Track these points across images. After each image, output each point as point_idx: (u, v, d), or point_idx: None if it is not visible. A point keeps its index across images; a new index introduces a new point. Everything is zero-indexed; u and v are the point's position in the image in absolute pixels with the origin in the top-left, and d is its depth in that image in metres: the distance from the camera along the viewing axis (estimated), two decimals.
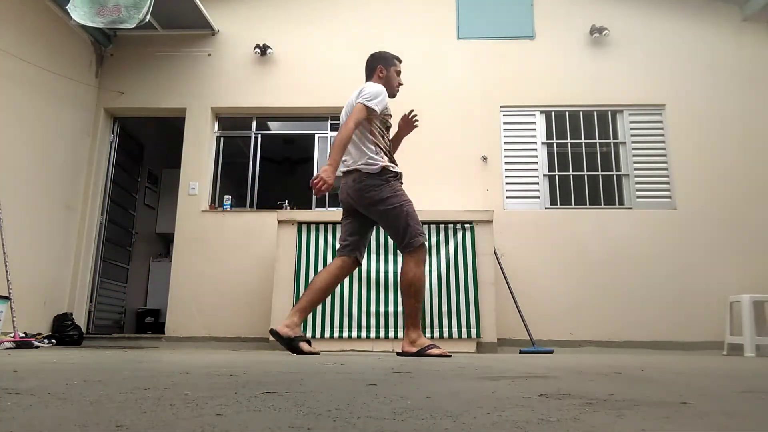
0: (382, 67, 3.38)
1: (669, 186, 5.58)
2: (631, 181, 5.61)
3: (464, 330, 4.45)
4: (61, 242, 5.36)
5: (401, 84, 3.46)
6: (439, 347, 3.06)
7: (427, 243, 3.21)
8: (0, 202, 4.43)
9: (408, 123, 3.44)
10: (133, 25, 4.70)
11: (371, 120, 3.17)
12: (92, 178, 5.76)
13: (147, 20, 4.75)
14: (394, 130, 3.49)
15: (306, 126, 6.14)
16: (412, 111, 3.44)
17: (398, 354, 3.16)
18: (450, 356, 3.00)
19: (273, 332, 3.10)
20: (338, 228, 4.68)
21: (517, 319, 4.75)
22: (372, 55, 3.46)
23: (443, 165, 5.63)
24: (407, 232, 3.09)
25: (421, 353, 2.98)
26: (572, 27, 5.97)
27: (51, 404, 0.95)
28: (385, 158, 3.17)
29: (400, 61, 3.47)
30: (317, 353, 3.10)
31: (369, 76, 3.41)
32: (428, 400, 1.09)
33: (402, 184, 3.22)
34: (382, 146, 3.18)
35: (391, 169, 3.16)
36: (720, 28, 5.89)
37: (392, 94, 3.40)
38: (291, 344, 3.04)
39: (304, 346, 3.05)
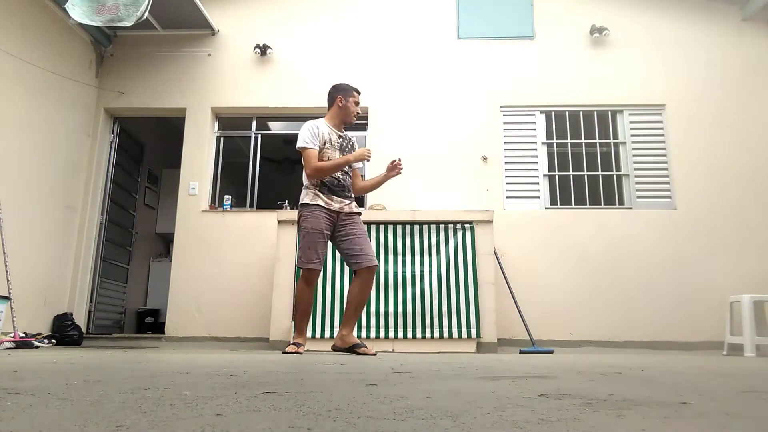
0: (341, 98, 3.71)
1: (669, 186, 5.57)
2: (631, 181, 5.61)
3: (464, 330, 4.45)
4: (61, 242, 5.35)
5: (358, 113, 3.82)
6: (295, 346, 3.45)
7: (311, 268, 3.49)
8: (0, 202, 4.42)
9: (393, 168, 3.72)
10: (132, 24, 4.68)
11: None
12: (92, 178, 5.76)
13: (145, 18, 4.73)
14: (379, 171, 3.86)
15: None
16: (399, 159, 3.72)
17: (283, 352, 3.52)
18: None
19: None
20: None
21: (517, 319, 4.75)
22: (333, 86, 3.81)
23: (443, 165, 5.62)
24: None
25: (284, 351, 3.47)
26: (572, 27, 5.96)
27: (51, 404, 0.95)
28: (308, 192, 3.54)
29: (359, 93, 3.80)
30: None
31: (330, 105, 3.77)
32: (428, 400, 1.09)
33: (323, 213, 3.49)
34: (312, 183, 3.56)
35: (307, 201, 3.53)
36: (720, 28, 5.89)
37: (350, 122, 3.78)
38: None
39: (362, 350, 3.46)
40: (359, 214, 3.66)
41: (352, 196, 3.68)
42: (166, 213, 7.07)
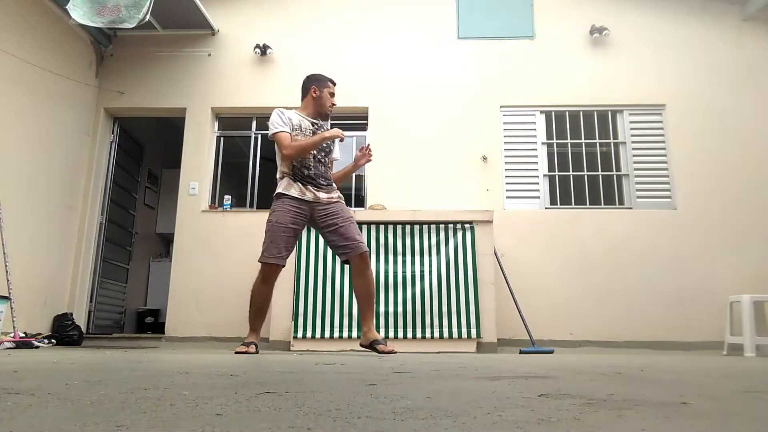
0: (315, 88, 3.57)
1: (669, 186, 5.57)
2: (631, 181, 5.61)
3: (464, 330, 4.45)
4: (61, 242, 5.35)
5: (334, 105, 3.65)
6: (245, 346, 3.35)
7: (271, 263, 3.36)
8: (0, 202, 4.42)
9: (362, 156, 3.68)
10: (133, 25, 4.68)
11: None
12: (92, 178, 5.76)
13: (147, 20, 4.73)
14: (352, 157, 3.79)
15: None
16: (368, 145, 3.73)
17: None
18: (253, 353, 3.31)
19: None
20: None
21: (517, 319, 4.75)
22: (307, 77, 3.66)
23: (443, 165, 5.62)
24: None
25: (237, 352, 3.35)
26: (572, 27, 5.96)
27: (51, 404, 0.95)
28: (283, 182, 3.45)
29: (334, 84, 3.65)
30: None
31: (303, 95, 3.62)
32: (428, 400, 1.09)
33: (295, 203, 3.39)
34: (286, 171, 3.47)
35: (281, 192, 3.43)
36: (720, 28, 5.89)
37: (324, 114, 3.63)
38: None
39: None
40: (340, 199, 3.49)
41: (332, 184, 3.55)
42: (166, 213, 7.07)
